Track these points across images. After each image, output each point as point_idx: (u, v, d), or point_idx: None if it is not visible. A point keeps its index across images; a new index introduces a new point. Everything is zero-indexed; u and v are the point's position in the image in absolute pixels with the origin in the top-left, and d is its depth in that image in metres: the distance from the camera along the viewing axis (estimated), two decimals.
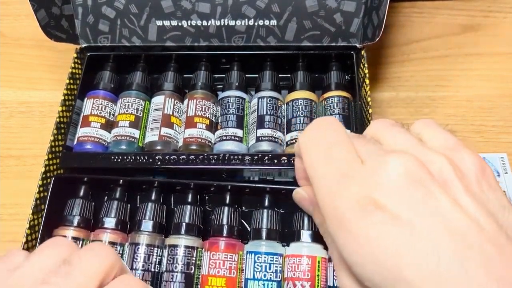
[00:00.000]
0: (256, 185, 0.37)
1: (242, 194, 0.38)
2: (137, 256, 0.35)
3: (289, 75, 0.44)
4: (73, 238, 0.36)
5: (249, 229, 0.37)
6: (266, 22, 0.42)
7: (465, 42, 0.51)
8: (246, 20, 0.42)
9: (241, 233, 0.36)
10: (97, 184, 0.39)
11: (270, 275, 0.33)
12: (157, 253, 0.35)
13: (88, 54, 0.44)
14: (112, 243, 0.36)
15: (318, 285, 0.33)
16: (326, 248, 0.33)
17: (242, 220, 0.37)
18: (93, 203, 0.38)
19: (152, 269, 0.35)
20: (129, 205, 0.38)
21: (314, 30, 0.42)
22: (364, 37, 0.42)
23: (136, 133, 0.40)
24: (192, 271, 0.34)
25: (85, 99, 0.42)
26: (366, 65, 0.41)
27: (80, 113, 0.41)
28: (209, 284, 0.33)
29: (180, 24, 0.43)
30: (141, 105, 0.42)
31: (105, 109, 0.41)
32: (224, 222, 0.36)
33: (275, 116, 0.40)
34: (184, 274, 0.34)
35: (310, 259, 0.33)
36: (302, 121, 0.40)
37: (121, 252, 0.36)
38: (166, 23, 0.43)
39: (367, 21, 0.41)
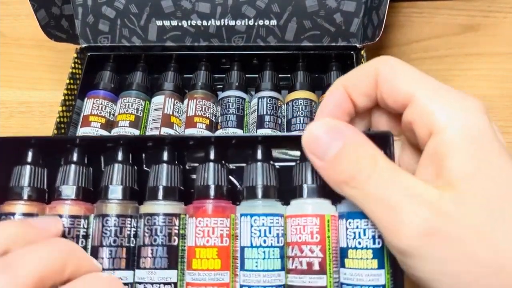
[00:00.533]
0: (245, 134, 0.32)
1: (229, 147, 0.32)
2: (106, 230, 0.29)
3: (289, 75, 0.44)
4: (24, 214, 0.29)
5: (240, 188, 0.31)
6: (266, 22, 0.42)
7: (465, 42, 0.51)
8: (246, 20, 0.42)
9: (231, 193, 0.30)
10: (49, 146, 0.32)
11: (271, 240, 0.28)
12: (131, 224, 0.29)
13: (88, 54, 0.44)
14: (74, 217, 0.29)
15: (329, 248, 0.27)
16: (334, 203, 0.29)
17: (231, 177, 0.32)
18: (45, 170, 0.31)
19: (126, 244, 0.29)
20: (91, 168, 0.31)
21: (314, 30, 0.42)
22: (364, 37, 0.42)
23: (136, 132, 0.40)
24: (176, 243, 0.29)
25: (85, 99, 0.42)
26: None
27: (80, 113, 0.42)
28: (197, 257, 0.28)
29: (180, 24, 0.43)
30: (141, 105, 0.42)
31: (105, 109, 0.41)
32: (210, 181, 0.29)
33: (275, 116, 0.40)
34: (166, 248, 0.28)
35: (318, 218, 0.28)
36: (302, 121, 0.40)
37: (85, 226, 0.30)
38: (166, 23, 0.43)
39: (367, 21, 0.41)
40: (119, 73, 0.44)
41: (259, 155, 0.30)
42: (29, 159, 0.31)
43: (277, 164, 0.31)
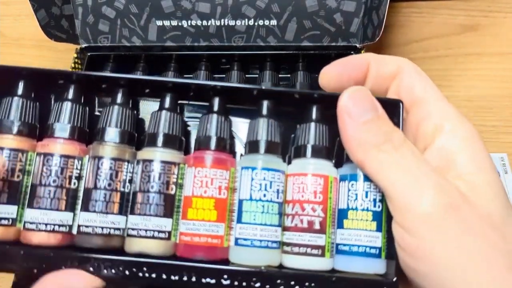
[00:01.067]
0: (250, 86, 0.30)
1: (232, 99, 0.31)
2: (101, 172, 0.28)
3: (289, 75, 0.44)
4: (13, 150, 0.28)
5: (242, 144, 0.31)
6: (266, 22, 0.42)
7: (465, 42, 0.51)
8: (246, 20, 0.42)
9: (232, 147, 0.30)
10: (42, 79, 0.30)
11: (271, 195, 0.28)
12: (127, 169, 0.28)
13: (88, 54, 0.44)
14: (67, 157, 0.28)
15: (330, 209, 0.28)
16: (337, 166, 0.29)
17: (234, 131, 0.31)
18: (37, 104, 0.29)
19: (121, 189, 0.28)
20: (87, 108, 0.30)
21: (314, 30, 0.42)
22: (364, 37, 0.42)
23: None
24: (173, 192, 0.28)
25: None
26: None
27: None
28: (193, 207, 0.27)
29: (180, 24, 0.43)
30: None
31: None
32: (212, 132, 0.29)
33: None
34: (163, 195, 0.28)
35: (322, 178, 0.28)
36: None
37: (79, 168, 0.28)
38: (166, 23, 0.43)
39: (367, 21, 0.41)
40: (119, 73, 0.44)
41: (264, 110, 0.29)
42: (20, 91, 0.29)
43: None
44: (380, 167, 0.24)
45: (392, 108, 0.27)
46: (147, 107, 0.32)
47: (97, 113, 0.31)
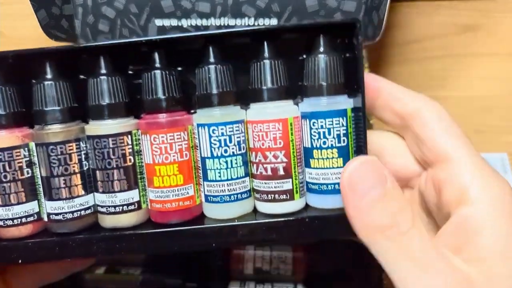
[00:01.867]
0: (194, 33, 0.27)
1: (176, 50, 0.29)
2: (53, 159, 0.26)
3: None
4: None
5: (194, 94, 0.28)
6: (266, 22, 0.42)
7: (465, 42, 0.51)
8: (246, 19, 0.42)
9: (184, 101, 0.28)
10: None
11: (232, 149, 0.26)
12: (79, 147, 0.27)
13: None
14: (12, 148, 0.26)
15: (293, 152, 0.27)
16: (296, 103, 0.27)
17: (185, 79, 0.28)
18: None
19: (80, 169, 0.27)
20: (13, 88, 0.27)
21: None
22: (364, 37, 0.42)
23: None
24: (132, 162, 0.27)
25: None
26: (366, 65, 0.41)
27: None
28: (158, 175, 0.26)
29: (180, 24, 0.43)
30: None
31: None
32: (160, 93, 0.26)
33: None
34: (123, 169, 0.26)
35: (281, 123, 0.26)
36: None
37: (27, 155, 0.27)
38: (166, 23, 0.43)
39: (368, 21, 0.41)
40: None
41: (211, 56, 0.27)
42: None
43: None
44: (385, 253, 0.22)
45: (350, 30, 0.25)
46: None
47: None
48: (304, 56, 0.28)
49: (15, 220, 0.26)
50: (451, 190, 0.23)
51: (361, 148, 0.26)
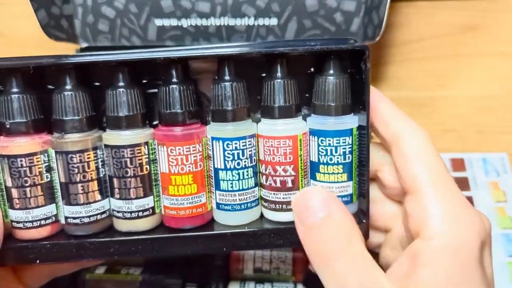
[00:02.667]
0: (207, 52, 0.27)
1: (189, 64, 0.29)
2: (72, 167, 0.27)
3: None
4: None
5: (209, 106, 0.29)
6: (266, 22, 0.42)
7: (465, 42, 0.51)
8: (246, 19, 0.42)
9: (201, 114, 0.29)
10: None
11: (245, 162, 0.28)
12: (96, 155, 0.27)
13: None
14: (31, 155, 0.26)
15: (301, 165, 0.28)
16: (304, 118, 0.29)
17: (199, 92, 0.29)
18: None
19: (96, 176, 0.27)
20: (34, 96, 0.27)
21: (314, 29, 0.42)
22: (364, 37, 0.42)
23: None
24: (148, 171, 0.28)
25: None
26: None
27: None
28: (173, 184, 0.28)
29: (180, 23, 0.43)
30: None
31: None
32: (177, 106, 0.27)
33: None
34: (139, 178, 0.27)
35: (291, 140, 0.28)
36: None
37: (46, 160, 0.27)
38: (166, 22, 0.43)
39: (368, 21, 0.41)
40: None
41: (226, 74, 0.28)
42: None
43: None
44: (320, 274, 0.23)
45: (359, 56, 0.26)
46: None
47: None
48: (312, 70, 0.29)
49: (34, 223, 0.27)
50: (413, 221, 0.24)
51: (363, 163, 0.28)
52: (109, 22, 0.43)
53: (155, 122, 0.29)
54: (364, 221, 0.28)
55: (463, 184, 0.46)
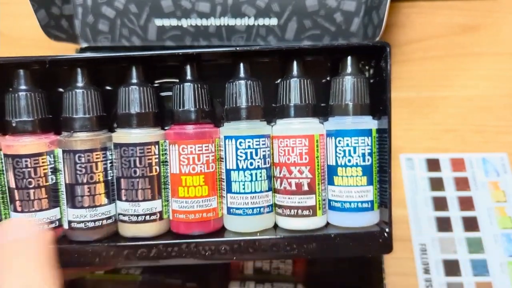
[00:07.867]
0: (225, 49, 0.27)
1: (205, 63, 0.29)
2: (79, 167, 0.26)
3: None
4: None
5: (222, 107, 0.29)
6: (266, 22, 0.42)
7: (465, 42, 0.51)
8: (246, 19, 0.42)
9: (213, 113, 0.28)
10: None
11: (258, 162, 0.27)
12: (105, 156, 0.27)
13: None
14: (38, 155, 0.26)
15: (318, 168, 0.27)
16: (321, 122, 0.28)
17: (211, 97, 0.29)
18: None
19: (104, 178, 0.27)
20: (42, 94, 0.27)
21: (314, 29, 0.42)
22: (364, 37, 0.42)
23: None
24: (157, 172, 0.27)
25: None
26: None
27: None
28: (183, 185, 0.27)
29: (179, 23, 0.43)
30: None
31: None
32: (190, 104, 0.27)
33: None
34: (148, 179, 0.27)
35: (307, 139, 0.27)
36: None
37: (52, 161, 0.26)
38: (166, 22, 0.43)
39: (367, 21, 0.41)
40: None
41: (241, 72, 0.27)
42: None
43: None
44: None
45: (377, 52, 0.26)
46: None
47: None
48: (328, 78, 0.29)
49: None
50: None
51: (384, 169, 0.27)
52: (109, 22, 0.43)
53: (166, 128, 0.28)
54: (387, 232, 0.27)
55: (463, 184, 0.46)
